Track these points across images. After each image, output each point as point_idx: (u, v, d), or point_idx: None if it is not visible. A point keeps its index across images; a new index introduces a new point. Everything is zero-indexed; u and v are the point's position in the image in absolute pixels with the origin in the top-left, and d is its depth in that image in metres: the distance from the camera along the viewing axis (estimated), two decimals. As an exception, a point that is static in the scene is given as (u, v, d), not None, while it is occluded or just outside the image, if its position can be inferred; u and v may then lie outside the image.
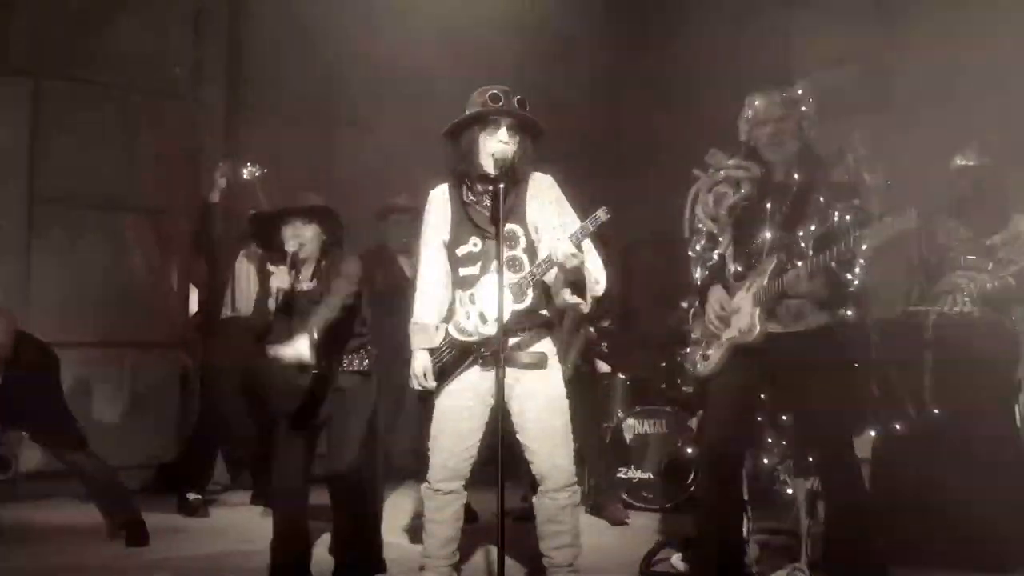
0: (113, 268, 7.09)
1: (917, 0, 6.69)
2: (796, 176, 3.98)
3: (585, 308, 3.78)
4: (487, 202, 3.78)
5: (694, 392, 5.97)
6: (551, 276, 3.74)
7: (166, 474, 6.91)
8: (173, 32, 7.23)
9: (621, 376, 6.68)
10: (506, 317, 3.57)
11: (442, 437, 3.80)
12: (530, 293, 3.72)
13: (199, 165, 7.13)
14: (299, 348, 4.06)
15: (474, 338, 3.77)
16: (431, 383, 3.80)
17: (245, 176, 6.11)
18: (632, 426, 6.39)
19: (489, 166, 3.73)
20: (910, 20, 6.67)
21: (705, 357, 4.12)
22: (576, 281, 3.64)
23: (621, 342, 6.76)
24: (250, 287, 5.99)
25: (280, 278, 4.41)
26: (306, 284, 4.49)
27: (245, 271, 6.13)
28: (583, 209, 3.71)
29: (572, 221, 3.73)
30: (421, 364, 3.81)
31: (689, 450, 6.13)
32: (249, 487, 6.59)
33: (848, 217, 3.79)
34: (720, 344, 4.06)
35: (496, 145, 3.72)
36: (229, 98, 7.43)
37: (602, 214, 3.53)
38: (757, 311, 3.93)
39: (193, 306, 7.00)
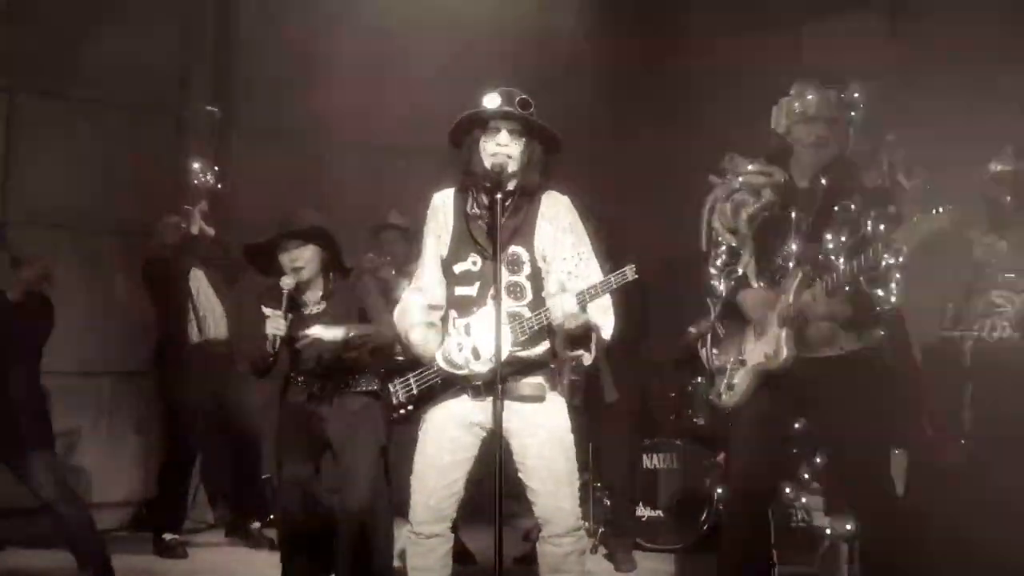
0: (90, 293, 6.74)
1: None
2: (824, 182, 3.60)
3: (588, 360, 3.44)
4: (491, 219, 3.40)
5: (718, 424, 5.51)
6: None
7: (144, 512, 6.55)
8: (156, 45, 6.88)
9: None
10: (502, 355, 3.25)
11: (423, 472, 3.43)
12: (528, 338, 3.37)
13: (183, 185, 6.65)
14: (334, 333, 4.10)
15: (463, 372, 3.40)
16: (430, 348, 3.44)
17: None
18: (641, 461, 6.04)
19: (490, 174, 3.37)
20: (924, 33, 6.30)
21: (730, 387, 3.73)
22: (579, 337, 3.31)
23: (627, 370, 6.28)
24: (212, 306, 5.83)
25: (275, 323, 4.15)
26: (315, 307, 4.30)
27: (204, 289, 5.87)
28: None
29: (587, 255, 3.40)
30: (420, 334, 3.47)
31: (707, 485, 5.78)
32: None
33: (882, 226, 3.41)
34: (746, 371, 3.66)
35: (493, 148, 3.36)
36: (216, 115, 7.14)
37: (629, 272, 3.17)
38: (784, 333, 3.54)
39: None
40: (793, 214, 3.63)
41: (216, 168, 6.26)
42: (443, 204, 3.54)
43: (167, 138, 7.03)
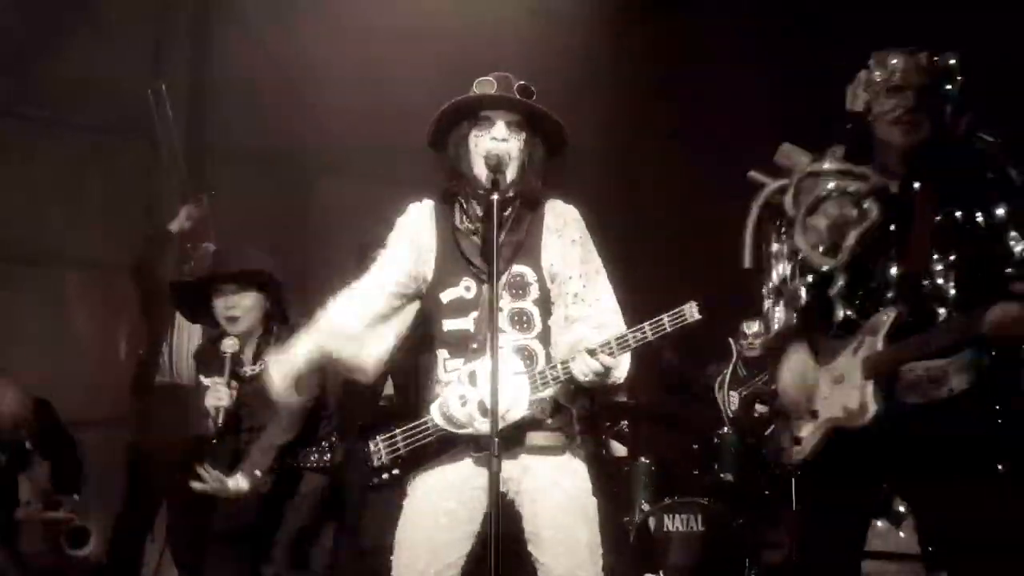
0: (51, 331, 6.33)
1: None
2: (917, 185, 2.94)
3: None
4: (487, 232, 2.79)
5: (780, 483, 4.95)
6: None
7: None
8: (128, 63, 6.44)
9: (644, 461, 5.73)
10: (517, 413, 2.72)
11: (410, 552, 2.80)
12: (547, 391, 2.80)
13: (155, 213, 6.35)
14: (239, 485, 3.47)
15: (466, 431, 2.77)
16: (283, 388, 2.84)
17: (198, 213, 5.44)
18: (660, 522, 5.39)
19: (485, 175, 2.76)
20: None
21: (796, 441, 3.05)
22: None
23: (643, 419, 5.91)
24: (192, 349, 5.17)
25: (216, 394, 3.61)
26: (249, 369, 3.70)
27: (185, 325, 5.28)
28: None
29: (595, 275, 2.86)
30: (278, 373, 2.85)
31: (737, 552, 5.18)
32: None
33: (1014, 234, 2.79)
34: (817, 426, 3.00)
35: (490, 143, 2.78)
36: (191, 138, 6.59)
37: (690, 312, 2.63)
38: (870, 386, 2.88)
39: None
40: (892, 227, 2.95)
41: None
42: (423, 215, 2.95)
43: (138, 162, 6.59)
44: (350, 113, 6.49)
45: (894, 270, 2.90)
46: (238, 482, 3.49)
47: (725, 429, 5.47)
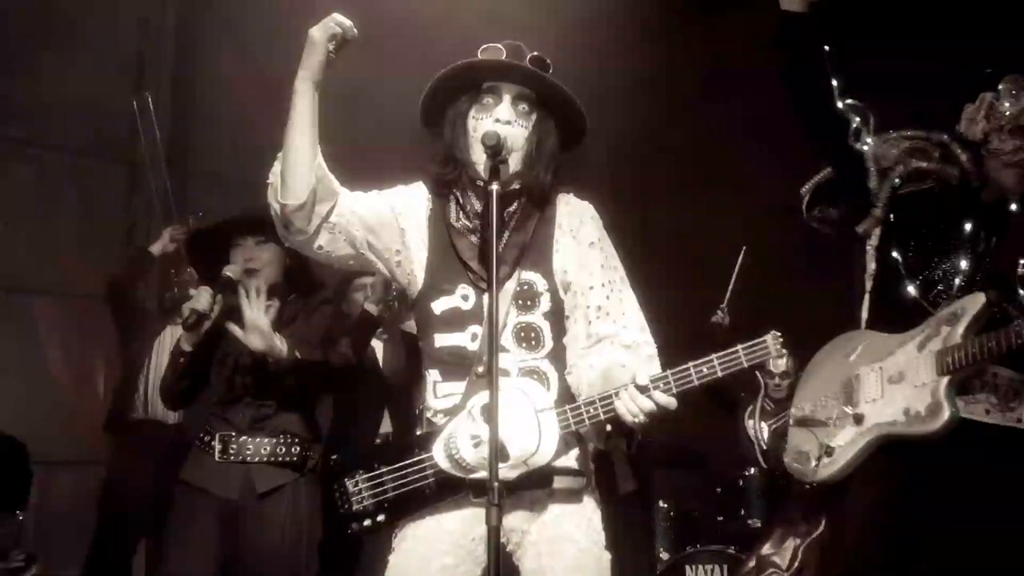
0: (20, 363, 6.03)
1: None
2: (1014, 207, 2.72)
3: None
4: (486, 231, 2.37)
5: (807, 499, 4.56)
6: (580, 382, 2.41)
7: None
8: (109, 83, 6.26)
9: (663, 505, 5.47)
10: (543, 457, 2.31)
11: None
12: (575, 442, 2.41)
13: (135, 237, 6.25)
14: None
15: (475, 475, 2.33)
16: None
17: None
18: (682, 574, 5.11)
19: (484, 162, 2.34)
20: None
21: (827, 451, 2.68)
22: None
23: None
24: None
25: (200, 299, 3.34)
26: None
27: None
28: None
29: (620, 284, 2.45)
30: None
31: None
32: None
33: None
34: (860, 432, 2.61)
35: (490, 125, 2.36)
36: (175, 159, 6.34)
37: (773, 345, 2.23)
38: (944, 383, 2.48)
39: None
40: (968, 226, 2.67)
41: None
42: (418, 200, 2.52)
43: (118, 185, 6.47)
44: (340, 134, 6.18)
45: (963, 263, 2.64)
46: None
47: (751, 470, 5.20)
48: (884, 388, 2.64)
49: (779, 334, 2.21)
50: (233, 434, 3.40)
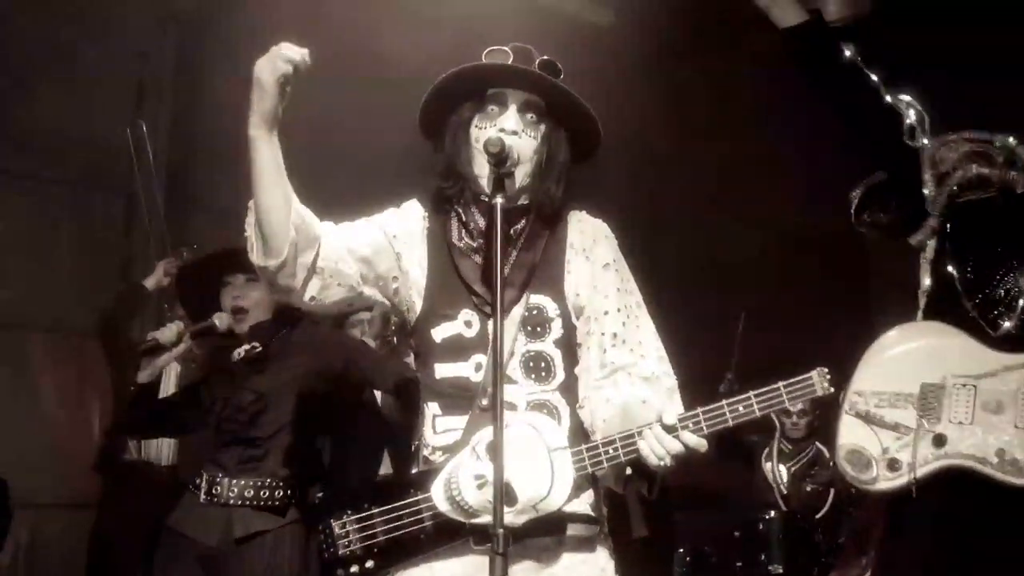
0: (11, 401, 5.86)
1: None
2: None
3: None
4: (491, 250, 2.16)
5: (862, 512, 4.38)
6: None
7: None
8: (106, 112, 6.11)
9: (679, 551, 5.21)
10: (555, 501, 2.10)
11: None
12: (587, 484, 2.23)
13: (130, 273, 6.09)
14: None
15: (477, 520, 2.10)
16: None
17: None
18: None
19: (488, 175, 2.13)
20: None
21: (893, 464, 2.41)
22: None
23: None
24: None
25: (167, 331, 3.40)
26: (244, 351, 3.37)
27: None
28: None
29: (636, 309, 2.26)
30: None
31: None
32: None
33: None
34: (935, 454, 2.36)
35: (494, 134, 2.15)
36: (171, 191, 6.33)
37: (820, 382, 2.05)
38: None
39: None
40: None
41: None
42: (410, 222, 2.32)
43: (114, 219, 6.35)
44: (341, 164, 6.08)
45: None
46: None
47: (771, 513, 4.89)
48: (975, 413, 2.38)
49: (825, 370, 2.01)
50: (219, 475, 3.25)
